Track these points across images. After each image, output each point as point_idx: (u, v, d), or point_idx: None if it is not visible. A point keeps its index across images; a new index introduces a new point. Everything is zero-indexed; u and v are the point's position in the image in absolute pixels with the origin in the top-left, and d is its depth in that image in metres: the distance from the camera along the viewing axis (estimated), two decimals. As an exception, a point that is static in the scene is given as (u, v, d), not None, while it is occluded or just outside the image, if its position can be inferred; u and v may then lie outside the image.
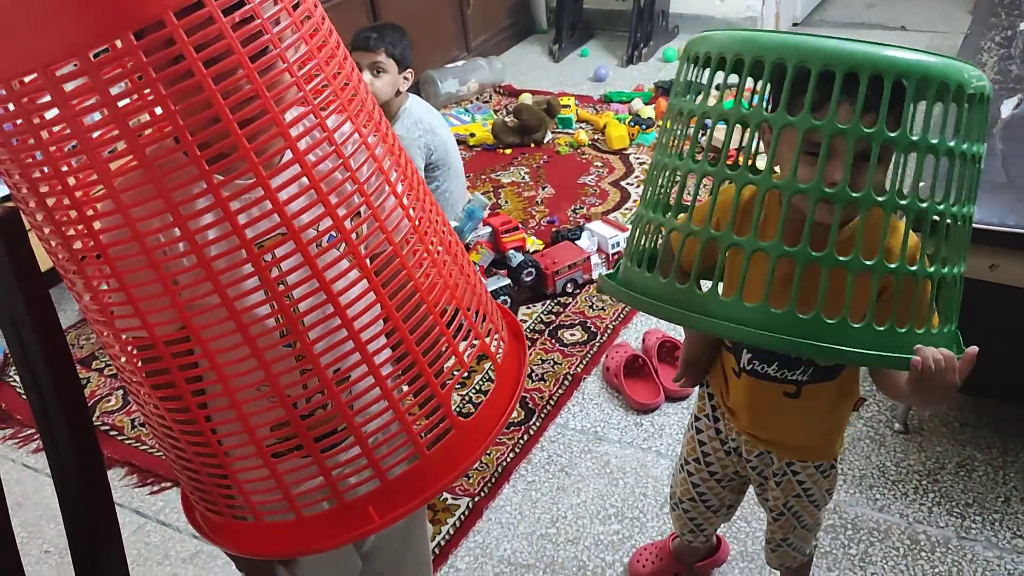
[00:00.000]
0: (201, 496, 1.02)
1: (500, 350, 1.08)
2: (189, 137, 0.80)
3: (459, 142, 3.64)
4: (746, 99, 1.04)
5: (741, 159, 1.03)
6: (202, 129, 0.82)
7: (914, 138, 0.96)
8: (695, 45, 1.07)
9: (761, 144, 1.08)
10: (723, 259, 1.00)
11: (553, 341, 2.53)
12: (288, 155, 0.86)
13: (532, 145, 3.61)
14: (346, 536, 0.95)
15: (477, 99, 4.09)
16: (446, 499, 2.03)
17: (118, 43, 0.78)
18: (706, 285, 1.03)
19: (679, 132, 1.09)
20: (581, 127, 3.71)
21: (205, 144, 0.82)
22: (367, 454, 0.93)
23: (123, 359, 0.96)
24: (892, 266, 0.97)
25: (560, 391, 2.34)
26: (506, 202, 3.23)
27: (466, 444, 0.99)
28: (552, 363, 2.44)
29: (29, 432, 2.38)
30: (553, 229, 2.98)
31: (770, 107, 1.01)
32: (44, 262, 0.93)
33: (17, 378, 2.57)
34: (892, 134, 0.94)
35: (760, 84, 1.00)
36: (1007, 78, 2.37)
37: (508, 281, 2.62)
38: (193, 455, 0.97)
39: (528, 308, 2.66)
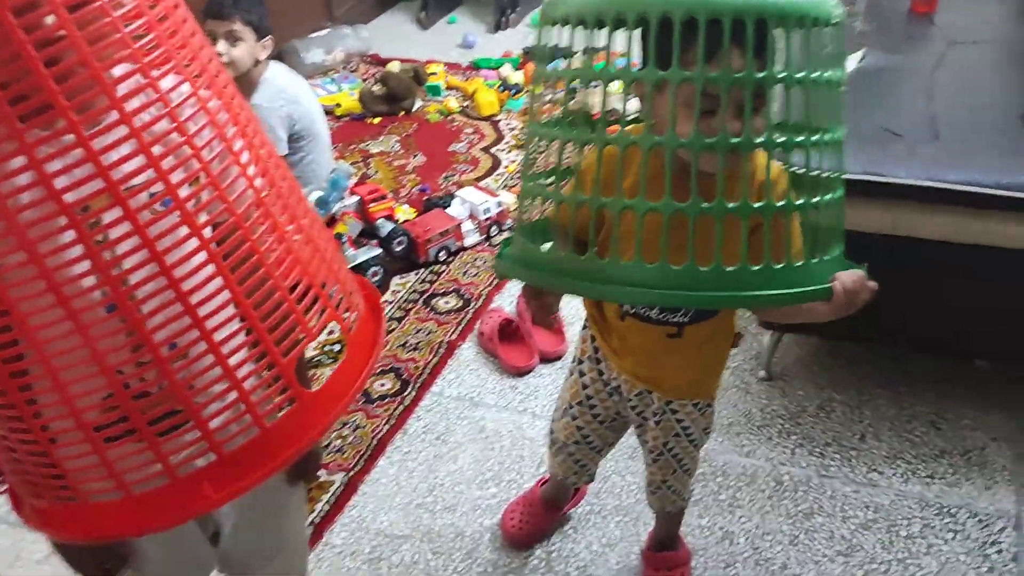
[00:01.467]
0: (22, 480, 0.95)
1: (354, 322, 1.04)
2: None
3: (326, 113, 3.55)
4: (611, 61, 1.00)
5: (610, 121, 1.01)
6: (16, 80, 0.76)
7: (782, 75, 0.95)
8: (552, 9, 1.04)
9: (638, 103, 1.06)
10: (616, 223, 0.99)
11: (427, 310, 2.49)
12: (116, 113, 0.80)
13: (401, 114, 3.54)
14: (179, 514, 0.89)
15: (343, 69, 3.98)
16: (320, 475, 1.97)
17: None
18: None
19: (555, 99, 1.07)
20: (450, 94, 3.66)
21: (22, 97, 0.76)
22: (201, 427, 0.88)
23: None
24: (779, 204, 0.97)
25: (435, 359, 2.31)
26: (376, 172, 3.16)
27: (312, 416, 0.95)
28: (427, 332, 2.41)
29: None
30: (424, 197, 2.93)
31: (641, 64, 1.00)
32: None
33: None
34: (762, 74, 0.93)
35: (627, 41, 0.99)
36: (851, 34, 2.46)
37: (379, 251, 2.57)
38: (9, 432, 0.90)
39: (401, 278, 2.61)
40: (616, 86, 1.06)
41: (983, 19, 2.57)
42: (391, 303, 2.53)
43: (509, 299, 2.50)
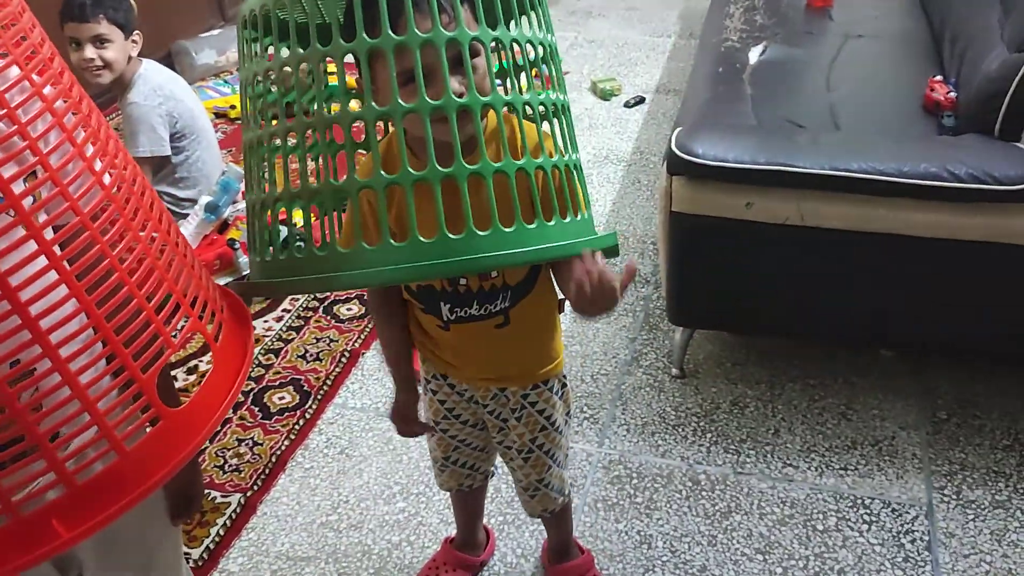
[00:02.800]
0: None
1: (219, 332, 0.94)
2: None
3: (219, 115, 3.40)
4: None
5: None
6: None
7: (495, 34, 0.93)
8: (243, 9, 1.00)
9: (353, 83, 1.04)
10: (356, 208, 0.93)
11: (328, 317, 2.38)
12: None
13: (299, 115, 3.40)
14: (24, 558, 0.77)
15: (236, 70, 3.81)
16: (214, 497, 1.84)
17: None
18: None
19: (254, 98, 1.01)
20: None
21: None
22: (47, 456, 0.77)
23: None
24: (519, 163, 0.94)
25: (337, 369, 2.20)
26: (273, 176, 3.02)
27: (179, 435, 0.85)
28: (328, 340, 2.29)
29: None
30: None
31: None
32: None
33: None
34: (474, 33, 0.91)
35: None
36: (753, 27, 2.46)
37: (276, 258, 2.43)
38: None
39: (300, 285, 2.48)
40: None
41: (878, 13, 2.62)
42: (289, 312, 2.40)
43: (415, 304, 2.40)
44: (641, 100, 3.48)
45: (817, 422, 1.99)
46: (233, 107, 3.41)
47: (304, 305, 2.41)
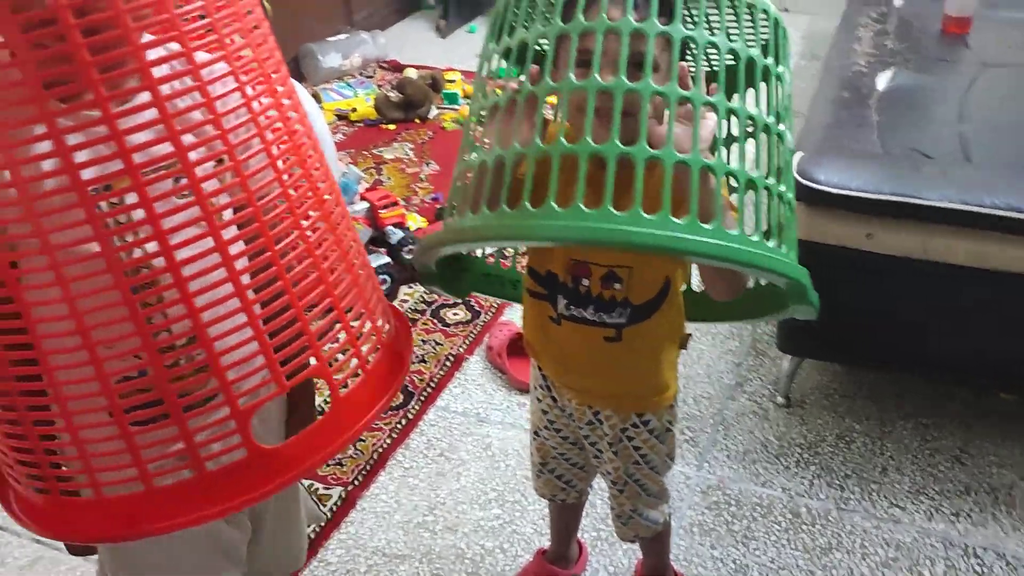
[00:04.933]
0: (17, 469, 0.90)
1: (374, 354, 0.98)
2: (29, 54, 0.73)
3: (340, 117, 3.51)
4: None
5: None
6: (48, 45, 0.74)
7: (690, 32, 0.92)
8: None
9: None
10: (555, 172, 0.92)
11: (435, 321, 2.43)
12: (142, 97, 0.78)
13: (416, 121, 3.49)
14: (147, 528, 0.83)
15: (360, 74, 3.93)
16: (317, 489, 1.90)
17: None
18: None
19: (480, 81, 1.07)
20: (468, 103, 3.61)
21: (50, 63, 0.75)
22: (185, 437, 0.83)
23: None
24: (710, 161, 0.91)
25: (441, 372, 2.24)
26: (389, 178, 3.10)
27: (309, 443, 0.90)
28: (434, 344, 2.34)
29: None
30: (437, 206, 2.87)
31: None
32: None
33: None
34: (664, 28, 0.90)
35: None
36: (882, 52, 2.39)
37: (388, 259, 2.50)
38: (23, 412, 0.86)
39: (409, 288, 2.54)
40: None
41: (1017, 42, 2.50)
42: (398, 313, 2.46)
43: (520, 314, 2.42)
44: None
45: (928, 464, 1.92)
46: (354, 110, 3.52)
47: (413, 307, 2.47)
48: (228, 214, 0.87)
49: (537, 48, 1.00)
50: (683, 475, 1.91)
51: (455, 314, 2.45)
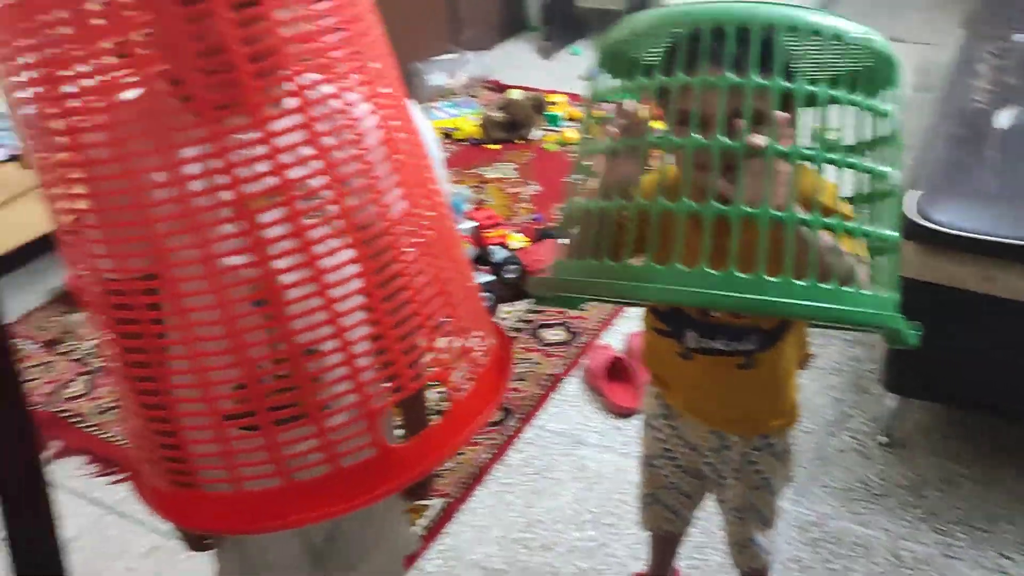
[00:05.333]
0: (147, 460, 0.97)
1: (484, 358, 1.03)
2: (198, 78, 0.81)
3: (445, 136, 3.59)
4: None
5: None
6: (209, 74, 0.81)
7: (790, 86, 0.94)
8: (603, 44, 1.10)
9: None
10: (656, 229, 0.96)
11: (534, 340, 2.47)
12: (290, 119, 0.84)
13: (519, 141, 3.55)
14: (286, 520, 0.89)
15: (464, 93, 4.02)
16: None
17: None
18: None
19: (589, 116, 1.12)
20: (570, 125, 3.65)
21: (216, 88, 0.82)
22: (321, 435, 0.88)
23: (94, 305, 0.93)
24: (804, 216, 0.93)
25: (539, 392, 2.28)
26: (491, 198, 3.17)
27: (431, 445, 0.95)
28: (532, 363, 2.38)
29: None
30: (538, 227, 2.92)
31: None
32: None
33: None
34: (764, 81, 0.92)
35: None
36: (1003, 88, 2.34)
37: (491, 277, 2.56)
38: (142, 407, 0.93)
39: (510, 306, 2.59)
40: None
41: None
42: (498, 330, 2.51)
43: (618, 337, 2.45)
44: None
45: (1040, 515, 1.86)
46: (458, 129, 3.60)
47: (512, 326, 2.52)
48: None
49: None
50: (780, 509, 1.90)
51: (554, 334, 2.48)
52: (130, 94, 0.85)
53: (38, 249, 2.64)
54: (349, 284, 0.88)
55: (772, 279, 0.89)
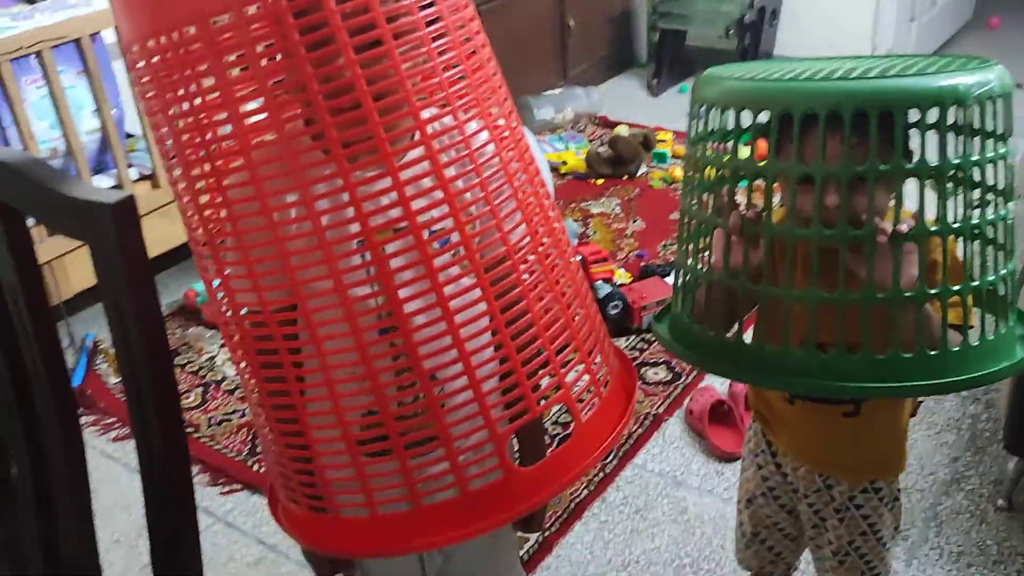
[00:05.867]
0: (282, 482, 1.01)
1: (599, 396, 1.04)
2: (327, 119, 0.84)
3: (551, 169, 3.63)
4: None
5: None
6: (337, 114, 0.84)
7: (908, 166, 0.96)
8: (703, 89, 1.10)
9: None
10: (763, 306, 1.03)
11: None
12: (413, 153, 0.87)
13: (625, 177, 3.56)
14: (420, 542, 0.91)
15: (572, 128, 4.06)
16: (517, 531, 1.97)
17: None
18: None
19: (697, 183, 1.13)
20: (676, 163, 3.65)
21: (343, 127, 0.85)
22: (451, 459, 0.91)
23: (236, 336, 0.98)
24: (933, 291, 0.97)
25: (640, 431, 2.26)
26: (595, 232, 3.18)
27: (555, 469, 0.96)
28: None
29: (110, 421, 2.41)
30: (641, 263, 2.92)
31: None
32: (152, 249, 0.94)
33: (103, 367, 2.61)
34: (883, 167, 0.94)
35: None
36: None
37: (593, 312, 2.56)
38: (281, 435, 0.97)
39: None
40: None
41: None
42: (600, 366, 2.51)
43: (722, 379, 2.41)
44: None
45: None
46: (565, 163, 3.63)
47: (613, 362, 2.51)
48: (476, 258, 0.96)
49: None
50: (892, 569, 1.83)
51: (655, 373, 2.47)
52: (268, 136, 0.89)
53: (161, 263, 2.79)
54: (472, 309, 0.90)
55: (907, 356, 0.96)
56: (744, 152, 1.05)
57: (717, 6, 4.13)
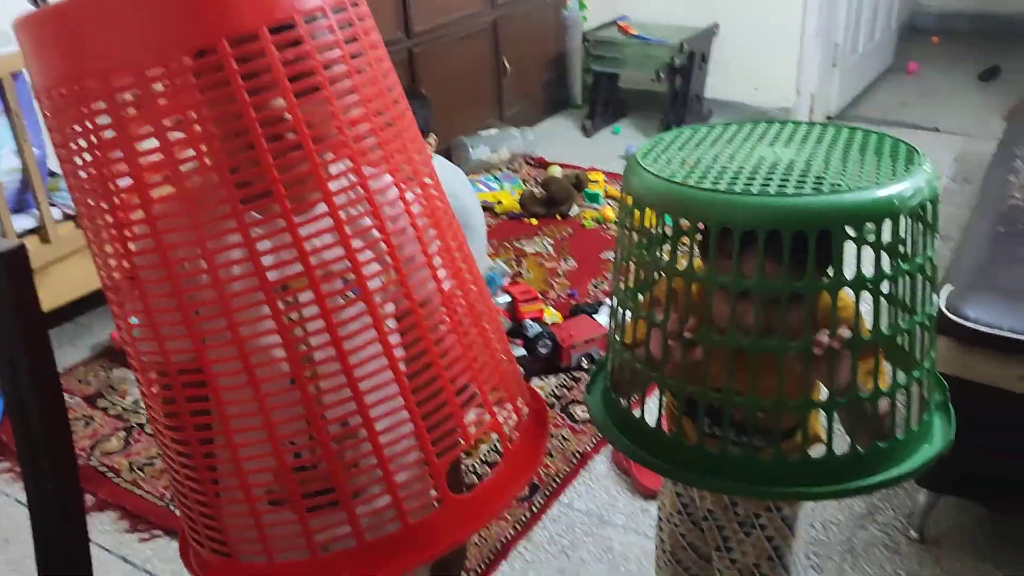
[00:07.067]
0: (189, 526, 1.02)
1: (514, 432, 1.06)
2: (228, 174, 0.85)
3: (485, 209, 3.66)
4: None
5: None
6: (246, 168, 0.86)
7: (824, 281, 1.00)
8: (634, 179, 1.09)
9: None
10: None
11: (564, 416, 2.48)
12: (323, 206, 0.89)
13: (558, 217, 3.61)
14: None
15: (507, 168, 4.11)
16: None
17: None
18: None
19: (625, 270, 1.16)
20: (608, 203, 3.72)
21: (246, 182, 0.87)
22: (347, 508, 0.92)
23: (143, 385, 0.99)
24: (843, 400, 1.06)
25: (567, 469, 2.28)
26: (528, 271, 3.22)
27: (458, 519, 0.97)
28: (561, 439, 2.39)
29: (26, 467, 2.35)
30: (572, 302, 2.95)
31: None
32: (47, 302, 0.94)
33: (21, 410, 2.54)
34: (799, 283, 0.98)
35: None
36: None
37: (523, 352, 2.59)
38: (185, 479, 0.98)
39: (541, 380, 2.62)
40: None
41: None
42: (529, 405, 2.53)
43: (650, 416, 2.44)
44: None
45: (1077, 623, 1.81)
46: (500, 202, 3.67)
47: (543, 401, 2.53)
48: (390, 307, 0.97)
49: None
50: (807, 603, 1.87)
51: (584, 411, 2.49)
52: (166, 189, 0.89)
53: (85, 304, 2.74)
54: (376, 361, 0.91)
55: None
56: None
57: (649, 51, 4.24)
